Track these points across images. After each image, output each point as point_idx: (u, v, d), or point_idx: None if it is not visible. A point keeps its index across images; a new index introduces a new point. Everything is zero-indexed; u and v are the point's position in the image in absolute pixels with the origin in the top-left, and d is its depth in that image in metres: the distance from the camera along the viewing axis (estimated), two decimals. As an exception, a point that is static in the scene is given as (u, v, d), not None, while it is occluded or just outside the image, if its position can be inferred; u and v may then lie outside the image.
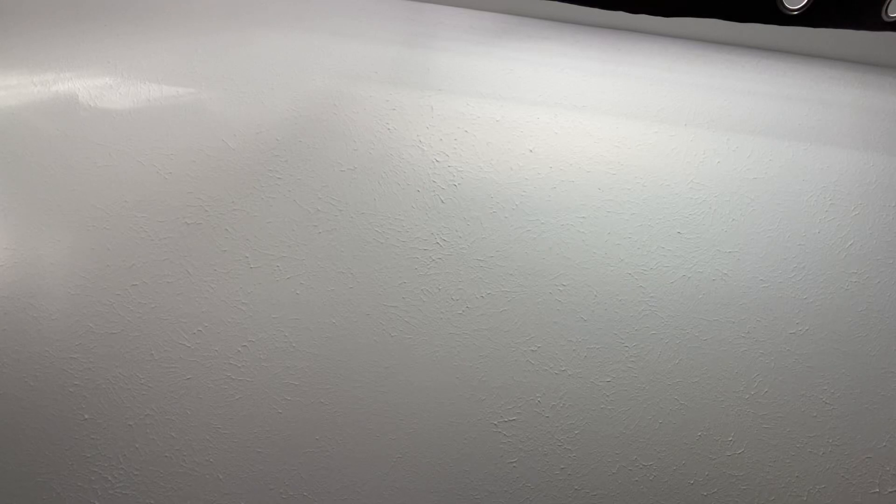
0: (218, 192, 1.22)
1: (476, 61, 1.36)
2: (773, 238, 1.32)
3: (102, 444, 1.10)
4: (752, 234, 1.32)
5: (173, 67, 1.28)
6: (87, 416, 1.11)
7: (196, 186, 1.22)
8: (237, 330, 1.17)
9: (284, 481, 1.13)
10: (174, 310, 1.16)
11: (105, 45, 1.28)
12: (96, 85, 1.26)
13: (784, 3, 1.06)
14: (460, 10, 1.39)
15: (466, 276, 1.24)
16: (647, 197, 1.32)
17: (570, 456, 1.20)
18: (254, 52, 1.31)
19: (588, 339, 1.24)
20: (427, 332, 1.21)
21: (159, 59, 1.28)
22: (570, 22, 1.41)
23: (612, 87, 1.38)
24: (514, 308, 1.24)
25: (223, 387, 1.14)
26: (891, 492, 1.23)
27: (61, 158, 1.21)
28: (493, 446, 1.18)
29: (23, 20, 1.27)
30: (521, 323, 1.23)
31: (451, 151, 1.30)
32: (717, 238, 1.31)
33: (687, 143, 1.36)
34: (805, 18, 1.08)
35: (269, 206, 1.23)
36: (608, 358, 1.24)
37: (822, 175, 1.37)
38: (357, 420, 1.17)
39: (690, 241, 1.31)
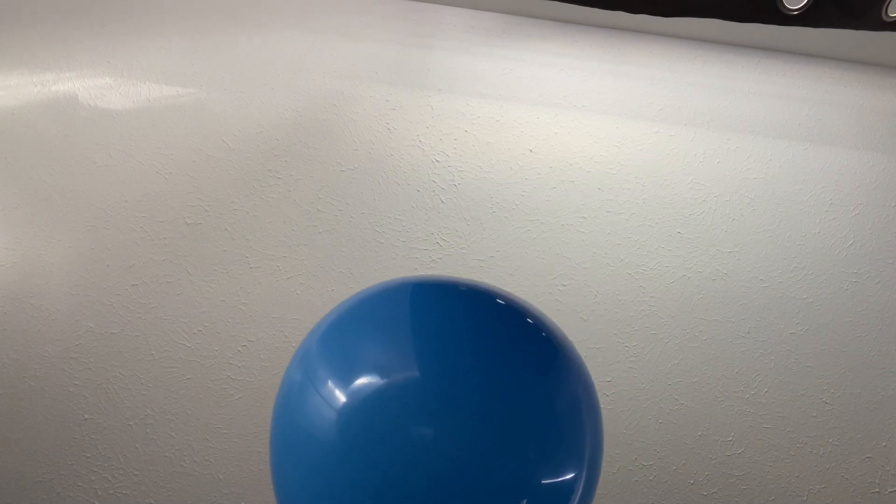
0: (218, 192, 1.22)
1: (476, 61, 1.36)
2: (773, 238, 1.32)
3: (102, 444, 1.10)
4: (752, 234, 1.32)
5: (173, 67, 1.28)
6: (87, 416, 1.11)
7: (196, 186, 1.22)
8: (237, 330, 1.17)
9: (284, 481, 1.13)
10: (174, 310, 1.16)
11: (105, 45, 1.28)
12: (96, 85, 1.26)
13: (784, 3, 1.06)
14: (460, 10, 1.39)
15: (466, 276, 1.24)
16: (647, 197, 1.32)
17: (570, 456, 1.20)
18: (254, 52, 1.31)
19: (588, 339, 1.24)
20: (427, 332, 1.21)
21: (159, 59, 1.28)
22: (570, 22, 1.41)
23: (612, 87, 1.38)
24: (514, 308, 1.24)
25: (223, 387, 1.14)
26: (891, 492, 1.23)
27: (61, 158, 1.21)
28: (493, 446, 1.18)
29: (23, 20, 1.27)
30: (521, 323, 1.23)
31: (451, 151, 1.30)
32: (717, 238, 1.31)
33: (687, 143, 1.36)
34: (805, 18, 1.08)
35: (269, 206, 1.23)
36: (608, 358, 1.23)
37: (822, 175, 1.37)
38: (357, 420, 1.16)
39: (690, 241, 1.31)
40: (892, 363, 1.28)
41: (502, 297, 0.51)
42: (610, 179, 1.32)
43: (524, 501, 0.44)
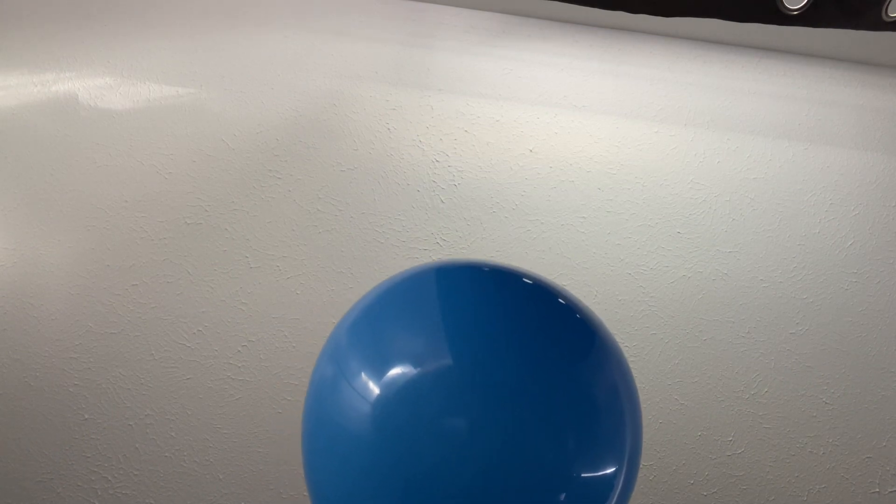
0: (218, 192, 1.22)
1: (476, 61, 1.36)
2: (773, 238, 1.32)
3: (102, 444, 1.10)
4: (752, 234, 1.32)
5: (173, 67, 1.28)
6: (87, 416, 1.11)
7: (196, 186, 1.22)
8: (237, 330, 1.17)
9: (284, 481, 1.13)
10: (174, 310, 1.16)
11: (105, 45, 1.28)
12: (96, 85, 1.26)
13: (784, 3, 1.06)
14: (460, 10, 1.39)
15: (466, 276, 1.24)
16: (647, 197, 1.32)
17: (570, 456, 1.19)
18: (254, 52, 1.31)
19: (588, 339, 1.24)
20: (427, 332, 1.21)
21: (159, 59, 1.28)
22: (570, 22, 1.41)
23: (612, 87, 1.38)
24: (514, 308, 1.24)
25: (223, 387, 1.14)
26: (891, 492, 1.23)
27: (61, 158, 1.21)
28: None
29: (23, 20, 1.27)
30: (521, 323, 1.23)
31: (451, 151, 1.30)
32: (717, 238, 1.31)
33: (687, 143, 1.36)
34: (805, 18, 1.08)
35: (269, 206, 1.23)
36: (608, 358, 1.23)
37: (822, 175, 1.37)
38: (357, 420, 1.16)
39: (690, 241, 1.30)
40: (892, 363, 1.28)
41: (530, 278, 0.47)
42: (610, 179, 1.32)
43: (563, 496, 0.42)
